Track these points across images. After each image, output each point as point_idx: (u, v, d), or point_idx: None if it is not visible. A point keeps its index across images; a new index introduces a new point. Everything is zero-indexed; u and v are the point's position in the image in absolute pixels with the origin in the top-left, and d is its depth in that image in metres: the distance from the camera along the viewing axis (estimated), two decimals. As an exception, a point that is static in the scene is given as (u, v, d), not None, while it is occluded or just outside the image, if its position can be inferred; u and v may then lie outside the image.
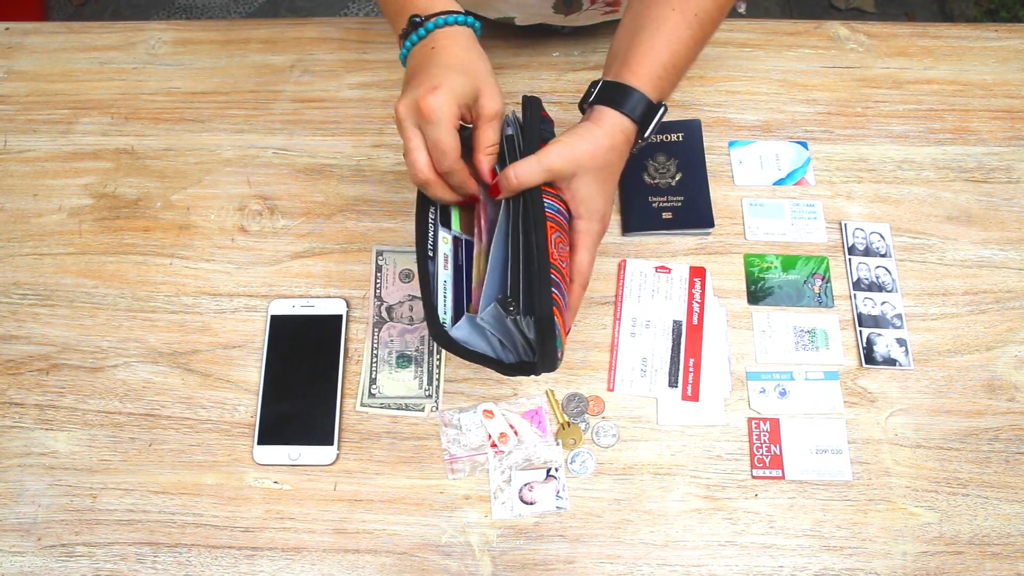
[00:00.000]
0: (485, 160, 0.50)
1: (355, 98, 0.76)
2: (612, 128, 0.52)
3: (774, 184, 0.70)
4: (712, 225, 0.68)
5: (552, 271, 0.47)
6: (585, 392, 0.62)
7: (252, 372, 0.64)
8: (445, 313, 0.50)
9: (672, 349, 0.64)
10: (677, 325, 0.64)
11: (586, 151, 0.51)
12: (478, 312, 0.48)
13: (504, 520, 0.58)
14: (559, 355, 0.49)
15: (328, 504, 0.59)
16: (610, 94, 0.52)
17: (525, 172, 0.49)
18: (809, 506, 0.59)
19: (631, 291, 0.66)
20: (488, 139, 0.50)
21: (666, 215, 0.68)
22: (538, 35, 0.77)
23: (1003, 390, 0.62)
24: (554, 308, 0.46)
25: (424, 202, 0.52)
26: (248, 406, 0.62)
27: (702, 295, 0.65)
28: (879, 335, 0.64)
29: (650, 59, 0.53)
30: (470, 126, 0.51)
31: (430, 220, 0.53)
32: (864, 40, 0.78)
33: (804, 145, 0.72)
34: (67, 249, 0.69)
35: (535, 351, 0.48)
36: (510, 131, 0.54)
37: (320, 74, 0.77)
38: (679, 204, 0.68)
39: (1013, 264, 0.67)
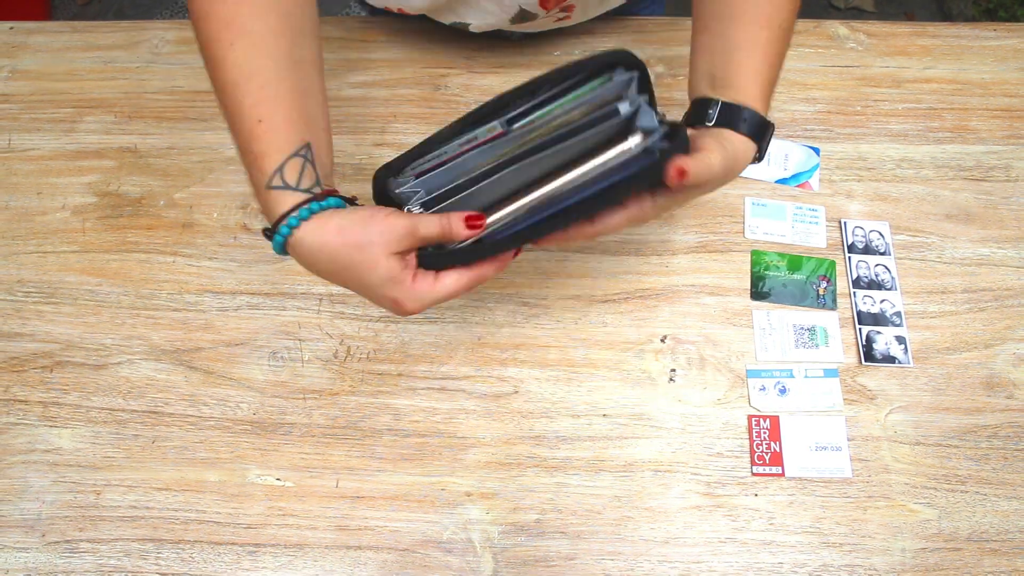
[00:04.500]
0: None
1: (357, 97, 0.76)
2: (741, 149, 0.51)
3: (776, 182, 0.71)
4: None
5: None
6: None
7: (255, 370, 0.64)
8: None
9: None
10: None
11: (723, 165, 0.49)
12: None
13: (506, 520, 0.59)
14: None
15: (330, 501, 0.60)
16: (732, 117, 0.51)
17: (695, 170, 0.45)
18: (809, 503, 0.59)
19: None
20: (460, 233, 0.46)
21: None
22: (534, 36, 0.78)
23: (1001, 387, 0.62)
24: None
25: None
26: (251, 403, 0.63)
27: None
28: (878, 333, 0.64)
29: (761, 79, 0.52)
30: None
31: None
32: (863, 39, 0.78)
33: (816, 151, 0.72)
34: (71, 247, 0.70)
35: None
36: (627, 107, 0.45)
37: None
38: None
39: (1012, 262, 0.67)
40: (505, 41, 0.78)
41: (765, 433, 0.61)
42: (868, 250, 0.68)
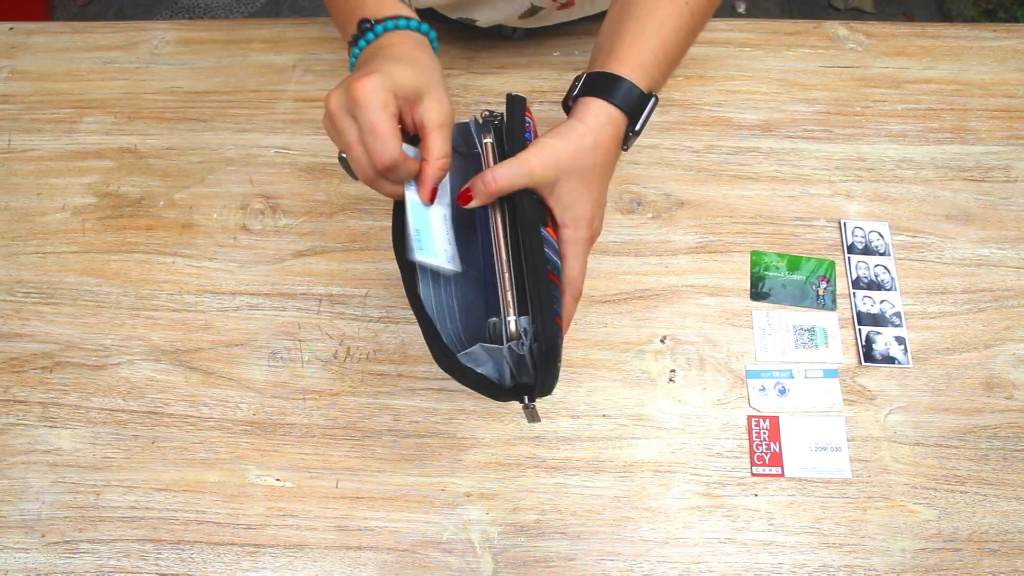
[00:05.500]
0: (432, 173, 0.43)
1: (357, 98, 0.76)
2: (597, 122, 0.47)
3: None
4: None
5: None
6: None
7: (255, 370, 0.64)
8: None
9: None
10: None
11: (567, 151, 0.46)
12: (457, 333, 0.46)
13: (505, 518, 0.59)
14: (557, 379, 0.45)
15: (330, 502, 0.60)
16: (595, 84, 0.48)
17: (504, 175, 0.44)
18: (808, 503, 0.59)
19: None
20: (438, 149, 0.43)
21: None
22: (535, 36, 0.78)
23: (1001, 388, 0.62)
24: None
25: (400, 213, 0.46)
26: (250, 403, 0.63)
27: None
28: (878, 333, 0.64)
29: (639, 47, 0.49)
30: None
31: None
32: (863, 40, 0.78)
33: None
34: (70, 248, 0.70)
35: (535, 374, 0.43)
36: (489, 140, 0.49)
37: (322, 73, 0.78)
38: None
39: (1011, 263, 0.67)
40: (505, 41, 0.78)
41: (765, 433, 0.61)
42: (868, 250, 0.68)
